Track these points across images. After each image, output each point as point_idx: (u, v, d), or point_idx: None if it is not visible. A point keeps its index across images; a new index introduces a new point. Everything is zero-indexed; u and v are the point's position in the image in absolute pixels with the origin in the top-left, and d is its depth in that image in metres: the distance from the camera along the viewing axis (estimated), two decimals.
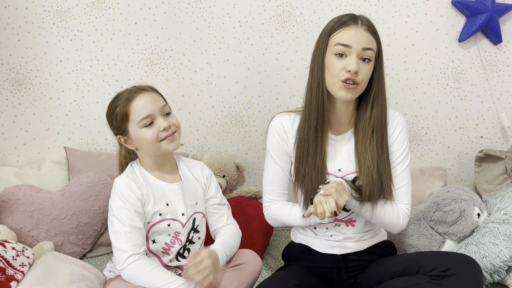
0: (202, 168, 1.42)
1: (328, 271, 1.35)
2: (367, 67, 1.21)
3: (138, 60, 1.97)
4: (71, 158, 1.90)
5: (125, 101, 1.26)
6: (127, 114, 1.25)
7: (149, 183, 1.31)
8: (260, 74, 2.02)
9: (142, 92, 1.28)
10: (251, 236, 1.74)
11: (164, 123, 1.26)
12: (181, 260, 1.34)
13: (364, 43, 1.19)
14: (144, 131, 1.25)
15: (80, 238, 1.72)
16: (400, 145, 1.31)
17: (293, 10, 1.98)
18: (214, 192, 1.40)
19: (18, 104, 1.95)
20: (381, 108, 1.27)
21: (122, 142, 1.32)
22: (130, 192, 1.26)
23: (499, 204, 1.64)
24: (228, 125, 2.06)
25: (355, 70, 1.18)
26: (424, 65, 2.06)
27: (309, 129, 1.27)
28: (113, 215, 1.25)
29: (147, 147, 1.27)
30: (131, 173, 1.31)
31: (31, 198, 1.69)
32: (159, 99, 1.29)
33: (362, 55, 1.20)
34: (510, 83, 2.11)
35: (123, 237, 1.21)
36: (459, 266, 1.14)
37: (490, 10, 1.95)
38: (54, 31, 1.91)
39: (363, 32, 1.20)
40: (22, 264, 1.38)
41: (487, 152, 1.99)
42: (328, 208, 1.12)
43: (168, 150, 1.28)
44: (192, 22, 1.96)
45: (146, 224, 1.28)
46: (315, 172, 1.27)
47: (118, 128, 1.29)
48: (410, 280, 1.19)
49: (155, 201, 1.29)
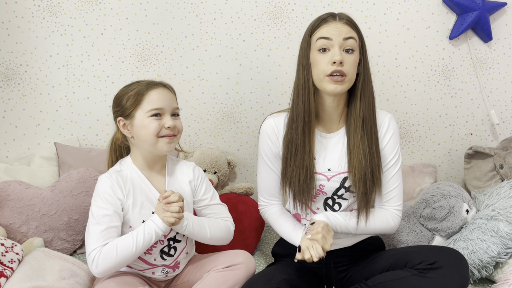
0: (194, 168, 1.40)
1: (317, 266, 1.36)
2: (352, 58, 1.23)
3: (129, 56, 1.96)
4: (61, 154, 1.89)
5: (145, 86, 1.27)
6: (141, 99, 1.25)
7: (138, 184, 1.29)
8: (252, 71, 2.02)
9: (162, 86, 1.29)
10: (242, 232, 1.74)
11: (171, 122, 1.26)
12: (166, 259, 1.32)
13: (344, 33, 1.22)
14: (151, 120, 1.24)
15: (70, 234, 1.72)
16: (392, 148, 1.32)
17: (285, 6, 1.97)
18: (203, 193, 1.39)
19: (7, 99, 1.93)
20: (368, 100, 1.28)
21: (120, 126, 1.30)
22: (110, 191, 1.24)
23: (487, 201, 1.65)
24: (220, 121, 2.06)
25: (339, 60, 1.20)
26: (415, 62, 2.07)
27: (297, 129, 1.28)
28: (91, 213, 1.24)
29: (144, 138, 1.26)
30: (117, 172, 1.29)
31: (21, 194, 1.68)
32: (174, 100, 1.31)
33: (345, 45, 1.22)
34: (499, 81, 2.13)
35: (95, 236, 1.20)
36: (445, 259, 1.16)
37: (480, 8, 1.96)
38: (44, 25, 1.90)
39: (342, 25, 1.23)
40: (11, 261, 1.37)
41: (476, 149, 2.00)
42: (315, 254, 1.17)
43: (162, 149, 1.27)
44: (184, 17, 1.95)
45: (128, 228, 1.26)
46: (303, 173, 1.28)
47: (125, 110, 1.27)
48: (398, 274, 1.20)
49: (141, 207, 1.27)
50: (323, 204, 1.35)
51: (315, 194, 1.33)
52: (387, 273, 1.23)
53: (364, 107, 1.28)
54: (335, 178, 1.31)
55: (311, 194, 1.30)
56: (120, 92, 1.31)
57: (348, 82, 1.24)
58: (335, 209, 1.34)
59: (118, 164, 1.34)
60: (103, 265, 1.19)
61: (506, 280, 1.41)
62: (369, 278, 1.25)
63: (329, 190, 1.32)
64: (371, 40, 2.03)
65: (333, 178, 1.31)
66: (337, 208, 1.34)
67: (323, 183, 1.31)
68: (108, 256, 1.18)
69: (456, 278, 1.14)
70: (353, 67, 1.23)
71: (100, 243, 1.19)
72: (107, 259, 1.18)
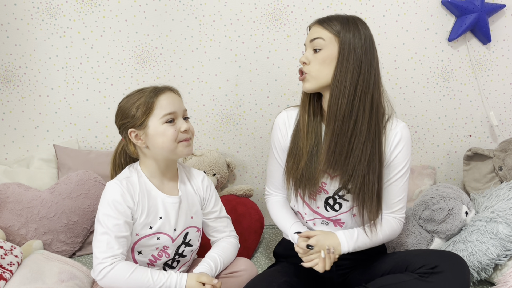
0: (203, 179, 1.38)
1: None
2: (317, 56, 1.25)
3: (129, 58, 1.96)
4: (61, 156, 1.89)
5: (152, 93, 1.22)
6: (152, 106, 1.21)
7: (146, 191, 1.25)
8: (251, 72, 2.02)
9: (169, 90, 1.26)
10: (242, 234, 1.74)
11: (185, 125, 1.24)
12: (168, 271, 1.29)
13: (313, 35, 1.27)
14: (166, 127, 1.21)
15: (69, 237, 1.71)
16: (402, 159, 1.30)
17: (284, 8, 1.98)
18: (213, 206, 1.37)
19: (6, 101, 1.93)
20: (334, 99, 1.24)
21: (133, 137, 1.24)
22: (121, 200, 1.20)
23: (486, 203, 1.65)
24: (219, 123, 2.06)
25: (302, 61, 1.28)
26: (414, 64, 2.08)
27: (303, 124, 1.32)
28: (98, 221, 1.19)
29: (163, 145, 1.22)
30: (127, 178, 1.25)
31: (20, 196, 1.67)
32: (182, 102, 1.28)
33: (313, 46, 1.26)
34: (498, 83, 2.13)
35: (104, 246, 1.16)
36: (446, 264, 1.16)
37: (479, 9, 1.97)
38: (43, 27, 1.90)
39: (315, 28, 1.27)
40: (10, 263, 1.37)
41: (475, 150, 2.00)
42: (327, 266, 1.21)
43: (183, 154, 1.25)
44: (183, 19, 1.95)
45: (135, 236, 1.23)
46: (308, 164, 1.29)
47: (135, 120, 1.22)
48: (399, 277, 1.20)
49: (149, 212, 1.24)
50: (324, 203, 1.35)
51: (317, 191, 1.33)
52: (388, 276, 1.23)
53: (330, 105, 1.25)
54: (337, 177, 1.31)
55: (313, 188, 1.31)
56: (124, 103, 1.25)
57: (313, 80, 1.26)
58: (336, 209, 1.34)
59: (127, 169, 1.29)
60: (109, 283, 1.16)
61: (506, 282, 1.40)
62: (370, 281, 1.26)
63: (330, 189, 1.32)
64: None
65: (336, 178, 1.31)
66: (338, 208, 1.34)
67: (326, 180, 1.32)
68: (118, 278, 1.15)
69: (457, 283, 1.14)
70: (318, 64, 1.25)
71: (110, 254, 1.15)
72: (116, 280, 1.15)
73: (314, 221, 1.38)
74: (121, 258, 1.17)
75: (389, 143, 1.30)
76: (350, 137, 1.23)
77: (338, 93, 1.22)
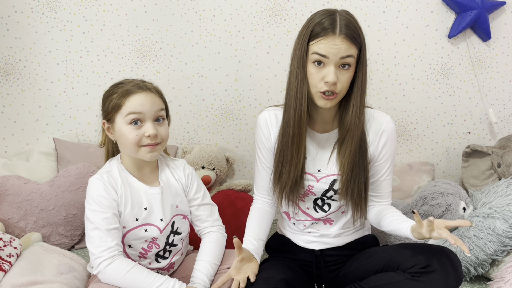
0: (184, 167, 1.36)
1: (308, 264, 1.37)
2: (346, 75, 1.18)
3: (129, 52, 1.96)
4: (60, 149, 1.89)
5: (125, 92, 1.20)
6: (121, 103, 1.19)
7: (128, 184, 1.25)
8: (251, 68, 2.02)
9: (144, 90, 1.21)
10: (240, 228, 1.74)
11: (152, 130, 1.19)
12: (161, 262, 1.31)
13: (342, 52, 1.15)
14: (129, 129, 1.19)
15: (68, 230, 1.72)
16: (388, 155, 1.31)
17: (284, 3, 1.98)
18: (195, 192, 1.35)
19: (6, 94, 1.93)
20: (356, 110, 1.23)
21: (105, 129, 1.25)
22: (105, 194, 1.20)
23: (484, 199, 1.66)
24: (219, 118, 2.06)
25: (332, 82, 1.15)
26: (414, 61, 2.08)
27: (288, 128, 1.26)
28: (87, 218, 1.20)
29: (125, 146, 1.22)
30: (108, 172, 1.25)
31: (19, 189, 1.68)
32: (157, 103, 1.22)
33: (341, 62, 1.16)
34: (498, 80, 2.13)
35: (98, 241, 1.16)
36: (438, 262, 1.15)
37: (479, 6, 1.97)
38: (44, 21, 1.90)
39: (342, 41, 1.14)
40: (9, 255, 1.37)
41: (474, 147, 2.01)
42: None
43: (144, 158, 1.22)
44: (183, 14, 1.95)
45: (122, 229, 1.23)
46: (293, 171, 1.27)
47: (107, 113, 1.23)
48: (392, 277, 1.20)
49: (133, 205, 1.24)
50: (313, 204, 1.34)
51: (304, 194, 1.32)
52: (380, 275, 1.22)
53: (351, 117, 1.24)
54: (324, 179, 1.30)
55: (299, 193, 1.30)
56: (107, 92, 1.25)
57: (339, 98, 1.21)
58: (325, 209, 1.34)
59: (108, 163, 1.30)
60: (105, 278, 1.17)
61: (502, 278, 1.41)
62: (362, 278, 1.25)
63: (317, 191, 1.31)
64: (370, 38, 2.02)
65: (322, 180, 1.30)
66: (327, 209, 1.33)
67: (312, 183, 1.31)
68: (115, 273, 1.16)
69: (449, 280, 1.14)
70: (346, 83, 1.19)
71: (105, 247, 1.16)
72: (113, 276, 1.16)
73: (304, 222, 1.36)
74: (117, 250, 1.18)
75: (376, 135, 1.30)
76: None
77: (357, 103, 1.22)
